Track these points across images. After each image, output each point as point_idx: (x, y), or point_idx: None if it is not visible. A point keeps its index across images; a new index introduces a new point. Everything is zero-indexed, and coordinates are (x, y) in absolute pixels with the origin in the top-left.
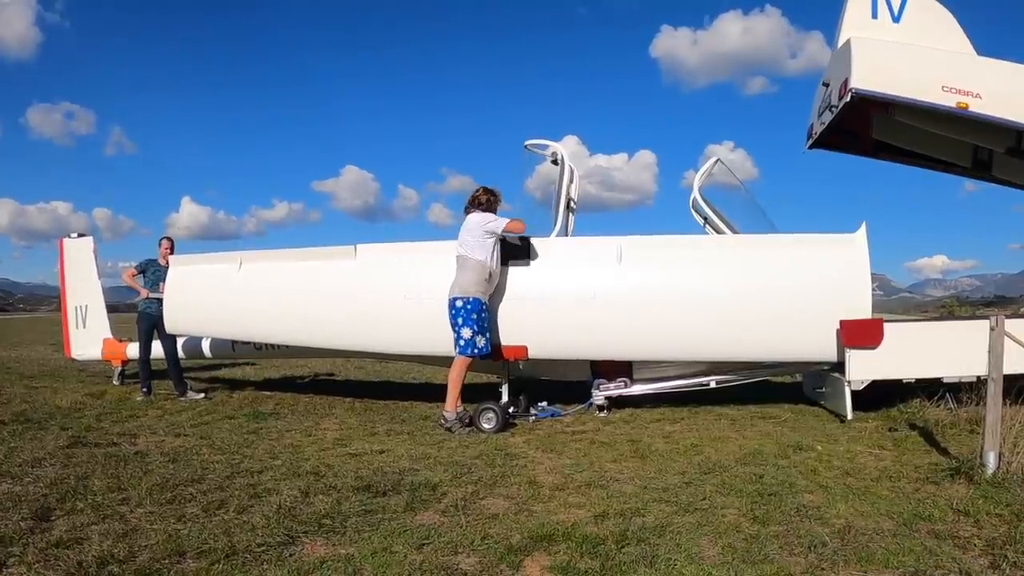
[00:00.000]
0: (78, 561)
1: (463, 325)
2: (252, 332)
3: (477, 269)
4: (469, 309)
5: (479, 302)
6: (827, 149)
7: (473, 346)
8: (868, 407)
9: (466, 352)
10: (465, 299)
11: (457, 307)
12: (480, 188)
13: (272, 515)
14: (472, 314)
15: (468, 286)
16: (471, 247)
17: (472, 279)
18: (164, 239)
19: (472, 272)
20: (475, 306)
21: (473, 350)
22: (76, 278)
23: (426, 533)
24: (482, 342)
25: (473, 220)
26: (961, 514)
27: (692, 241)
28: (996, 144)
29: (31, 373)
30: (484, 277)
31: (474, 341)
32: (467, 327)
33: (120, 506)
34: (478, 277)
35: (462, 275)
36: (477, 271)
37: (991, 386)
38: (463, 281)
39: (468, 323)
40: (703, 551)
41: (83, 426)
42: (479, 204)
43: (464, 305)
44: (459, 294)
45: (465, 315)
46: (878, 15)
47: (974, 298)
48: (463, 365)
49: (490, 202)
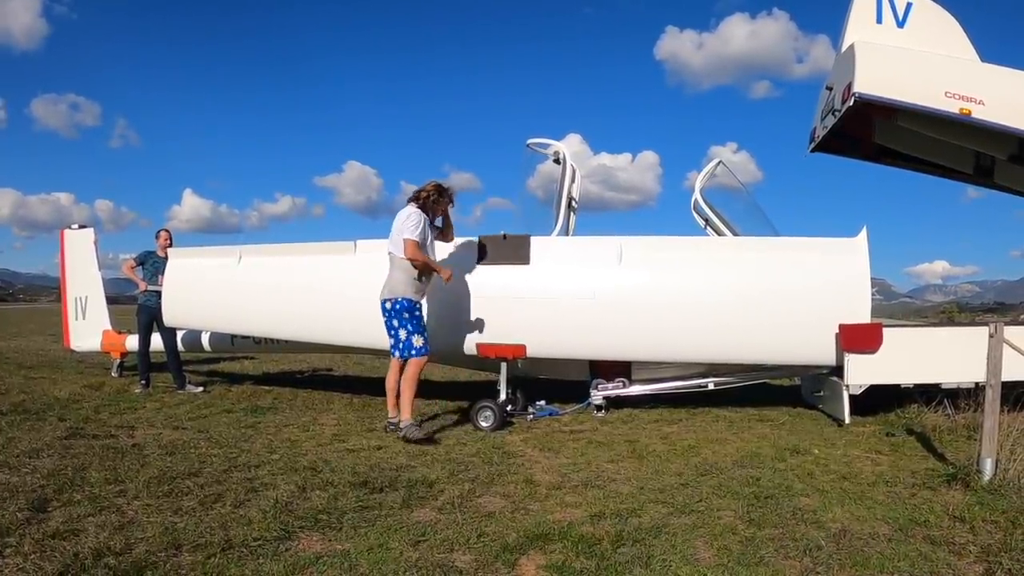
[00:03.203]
0: (74, 552)
1: (399, 328)
2: (251, 326)
3: (403, 266)
4: (399, 310)
5: (409, 302)
6: (829, 153)
7: (410, 348)
8: (866, 412)
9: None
10: (393, 300)
11: (386, 308)
12: (430, 182)
13: (269, 509)
14: (403, 313)
15: (395, 286)
16: (394, 243)
17: (401, 278)
18: (162, 231)
19: (398, 270)
20: (405, 306)
21: (410, 352)
22: (76, 269)
23: (422, 530)
24: (419, 342)
25: (398, 217)
26: (957, 520)
27: (693, 242)
28: (998, 151)
29: (30, 364)
30: (413, 276)
31: (411, 342)
32: (402, 329)
33: (117, 498)
34: (407, 276)
35: (391, 274)
36: (405, 270)
37: (989, 392)
38: (391, 281)
39: (403, 324)
40: (698, 553)
41: (81, 417)
42: (416, 199)
43: (394, 306)
44: (388, 295)
45: (397, 316)
46: (883, 20)
47: (974, 304)
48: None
49: (426, 200)
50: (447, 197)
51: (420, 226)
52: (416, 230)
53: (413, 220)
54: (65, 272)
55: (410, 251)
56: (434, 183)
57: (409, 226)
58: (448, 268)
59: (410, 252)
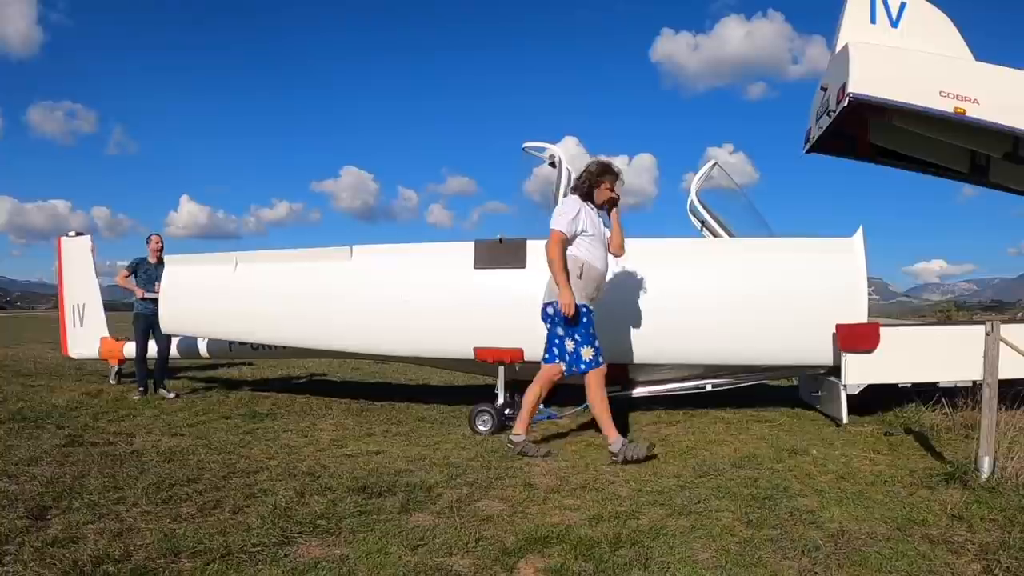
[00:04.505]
0: (74, 560)
1: (565, 337)
2: (248, 333)
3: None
4: (564, 316)
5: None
6: (825, 153)
7: (579, 361)
8: (864, 411)
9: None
10: (555, 304)
11: (548, 314)
12: (593, 160)
13: (267, 515)
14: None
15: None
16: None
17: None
18: (153, 235)
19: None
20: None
21: (579, 365)
22: (74, 277)
23: (421, 534)
24: (588, 354)
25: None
26: (955, 519)
27: (689, 244)
28: (993, 149)
29: (28, 371)
30: (576, 275)
31: (579, 355)
32: (568, 339)
33: (116, 505)
34: (572, 277)
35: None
36: (572, 271)
37: (986, 391)
38: (552, 282)
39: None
40: (697, 554)
41: (79, 425)
42: (575, 186)
43: (557, 312)
44: (549, 299)
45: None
46: (876, 20)
47: (971, 303)
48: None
49: (588, 183)
50: (611, 176)
51: (572, 216)
52: (565, 220)
53: (565, 208)
54: (62, 279)
55: (550, 241)
56: (596, 160)
57: (557, 214)
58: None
59: (549, 242)
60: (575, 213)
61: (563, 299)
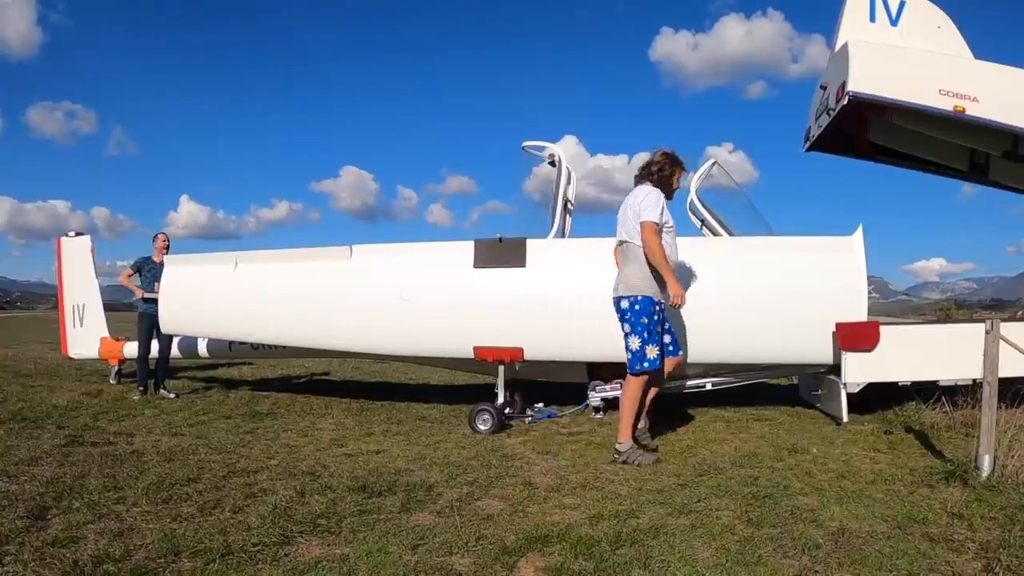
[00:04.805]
0: (74, 560)
1: (631, 334)
2: (248, 333)
3: (642, 258)
4: (638, 311)
5: (648, 301)
6: (825, 152)
7: (642, 359)
8: (864, 410)
9: (634, 369)
10: (631, 299)
11: (622, 308)
12: (657, 151)
13: (268, 515)
14: (642, 317)
15: (634, 282)
16: (630, 229)
17: (639, 272)
18: (160, 234)
19: (636, 262)
20: (645, 308)
21: (641, 364)
22: (74, 277)
23: (421, 534)
24: (652, 353)
25: (634, 195)
26: (955, 517)
27: (689, 243)
28: (993, 148)
29: (28, 372)
30: (651, 268)
31: (643, 352)
32: (635, 336)
33: (116, 505)
34: (647, 270)
35: (627, 267)
36: (644, 261)
37: (986, 389)
38: (628, 276)
39: (636, 331)
40: (697, 553)
41: (80, 425)
42: (648, 174)
43: (631, 307)
44: (624, 293)
45: (633, 320)
46: (876, 18)
47: (971, 301)
48: (636, 386)
49: (662, 172)
50: (681, 167)
51: (661, 207)
52: (657, 209)
53: (654, 198)
54: (62, 280)
55: (647, 233)
56: (662, 151)
57: (649, 204)
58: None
59: (647, 234)
60: (663, 204)
61: (673, 289)
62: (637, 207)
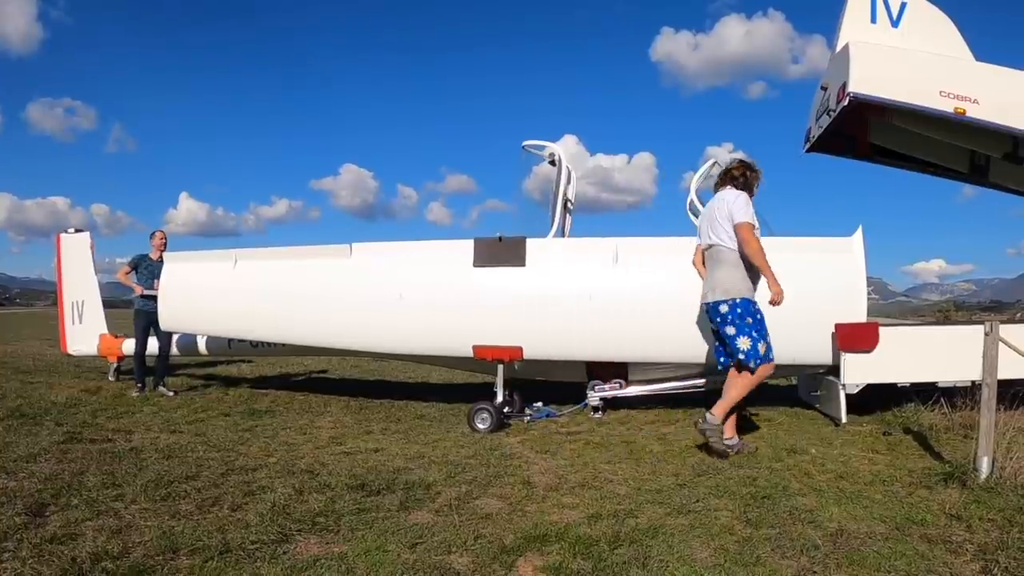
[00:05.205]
0: (72, 557)
1: (737, 335)
2: (247, 330)
3: (737, 263)
4: (740, 313)
5: (748, 303)
6: (825, 153)
7: (757, 356)
8: (863, 411)
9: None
10: (731, 302)
11: (722, 313)
12: (736, 160)
13: (266, 513)
14: (747, 317)
15: (732, 285)
16: (722, 232)
17: (736, 275)
18: (157, 231)
19: (732, 265)
20: (746, 308)
21: (757, 360)
22: (73, 273)
23: (419, 532)
24: (764, 348)
25: (723, 200)
26: (954, 519)
27: (689, 243)
28: (993, 149)
29: (27, 368)
30: (746, 268)
31: (757, 350)
32: (743, 336)
33: (114, 502)
34: (740, 272)
35: (722, 271)
36: (738, 265)
37: (985, 391)
38: (724, 280)
39: (743, 331)
40: (695, 553)
41: (78, 422)
42: (732, 179)
43: (732, 309)
44: (722, 297)
45: (737, 321)
46: (877, 20)
47: (971, 303)
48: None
49: (747, 178)
50: (759, 173)
51: (752, 208)
52: (750, 210)
53: (744, 200)
54: (61, 276)
55: (746, 232)
56: (739, 160)
57: (740, 206)
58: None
59: (746, 233)
60: (752, 206)
61: (775, 287)
62: (728, 210)
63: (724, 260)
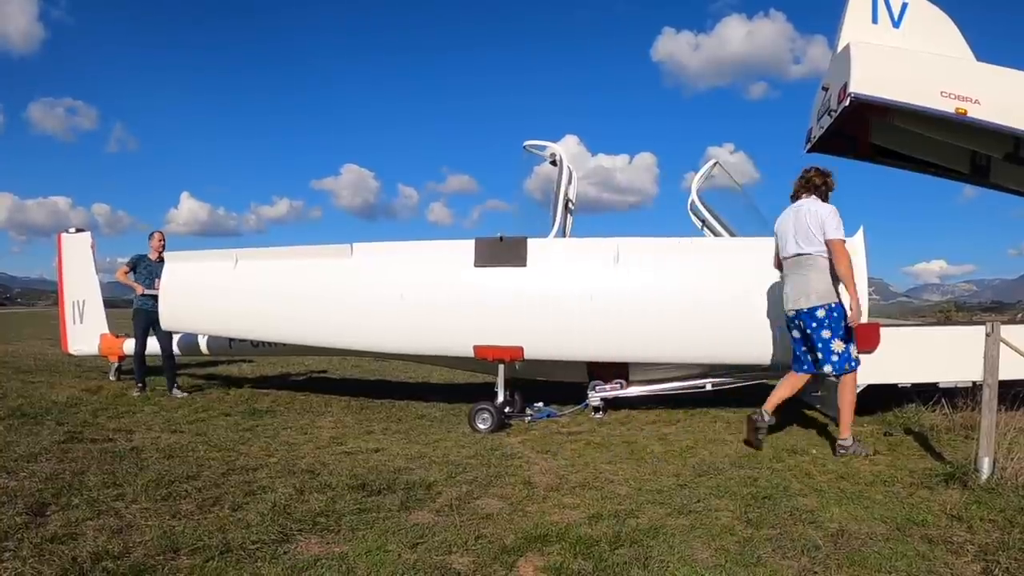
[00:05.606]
0: (72, 556)
1: (832, 338)
2: (248, 330)
3: (828, 270)
4: (836, 317)
5: (841, 307)
6: (826, 153)
7: (848, 359)
8: (864, 411)
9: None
10: (828, 306)
11: (819, 317)
12: (812, 168)
13: (267, 513)
14: (841, 322)
15: (827, 290)
16: (815, 241)
17: (828, 280)
18: (155, 232)
19: (824, 272)
20: (840, 312)
21: (849, 364)
22: (74, 273)
23: (420, 532)
24: (855, 351)
25: (811, 211)
26: (954, 519)
27: (689, 243)
28: (994, 150)
29: (28, 368)
30: (833, 278)
31: (849, 353)
32: (837, 339)
33: (115, 502)
34: (832, 279)
35: (815, 277)
36: (829, 272)
37: (986, 392)
38: (819, 285)
39: (838, 334)
40: (696, 553)
41: (79, 421)
42: (814, 187)
43: (829, 314)
44: (818, 302)
45: (834, 325)
46: (878, 20)
47: (971, 303)
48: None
49: (827, 185)
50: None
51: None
52: (843, 227)
53: (837, 216)
54: (62, 276)
55: (842, 251)
56: (815, 168)
57: (834, 223)
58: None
59: (842, 252)
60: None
61: (855, 305)
62: (820, 223)
63: (818, 267)
